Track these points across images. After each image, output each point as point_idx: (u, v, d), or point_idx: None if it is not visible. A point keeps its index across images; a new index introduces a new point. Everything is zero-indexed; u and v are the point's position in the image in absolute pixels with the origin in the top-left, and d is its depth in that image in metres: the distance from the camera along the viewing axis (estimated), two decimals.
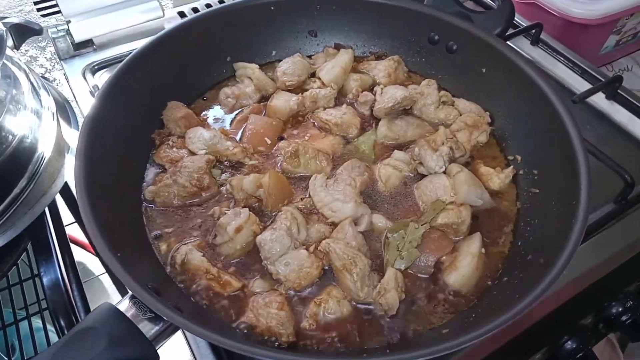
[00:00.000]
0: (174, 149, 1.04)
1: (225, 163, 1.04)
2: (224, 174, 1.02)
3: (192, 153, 1.03)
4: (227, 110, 1.14)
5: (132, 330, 0.68)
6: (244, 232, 0.90)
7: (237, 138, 1.09)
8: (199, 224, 0.95)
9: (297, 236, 0.90)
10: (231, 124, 1.12)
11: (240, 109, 1.14)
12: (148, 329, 0.69)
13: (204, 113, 1.14)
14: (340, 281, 0.87)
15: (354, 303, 0.86)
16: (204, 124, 1.11)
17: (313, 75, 1.20)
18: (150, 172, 1.02)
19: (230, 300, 0.85)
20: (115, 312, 0.70)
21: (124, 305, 0.71)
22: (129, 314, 0.70)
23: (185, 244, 0.91)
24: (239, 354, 0.80)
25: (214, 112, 1.15)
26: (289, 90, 1.16)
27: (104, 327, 0.67)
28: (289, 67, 1.17)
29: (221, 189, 1.00)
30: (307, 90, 1.15)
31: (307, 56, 1.23)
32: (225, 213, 0.92)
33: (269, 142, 1.07)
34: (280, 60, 1.20)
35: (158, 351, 0.71)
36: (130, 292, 0.71)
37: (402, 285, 0.86)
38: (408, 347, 0.79)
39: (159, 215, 0.96)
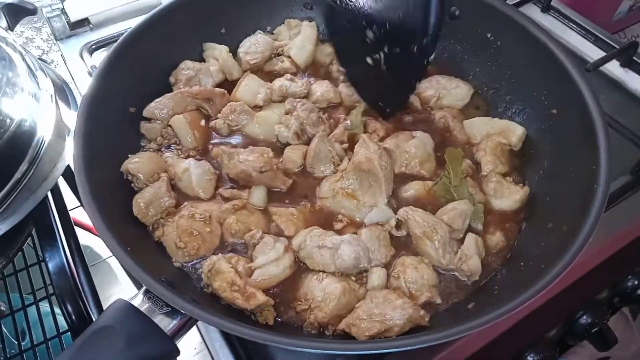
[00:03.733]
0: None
1: None
2: None
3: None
4: (182, 84, 1.06)
5: (150, 326, 0.66)
6: (290, 254, 0.86)
7: None
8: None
9: None
10: None
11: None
12: (165, 323, 0.67)
13: None
14: (420, 248, 0.87)
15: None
16: None
17: (279, 55, 1.15)
18: None
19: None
20: (130, 308, 0.68)
21: (138, 300, 0.69)
22: (143, 309, 0.67)
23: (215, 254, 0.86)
24: (254, 346, 0.80)
25: None
26: (255, 72, 1.11)
27: (121, 325, 0.65)
28: (250, 46, 1.13)
29: None
30: (274, 70, 1.12)
31: (268, 32, 1.19)
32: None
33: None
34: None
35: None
36: (144, 287, 0.68)
37: (482, 250, 0.85)
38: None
39: None
